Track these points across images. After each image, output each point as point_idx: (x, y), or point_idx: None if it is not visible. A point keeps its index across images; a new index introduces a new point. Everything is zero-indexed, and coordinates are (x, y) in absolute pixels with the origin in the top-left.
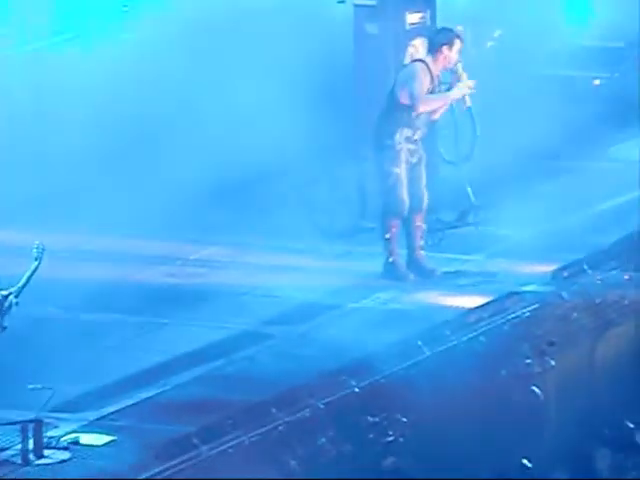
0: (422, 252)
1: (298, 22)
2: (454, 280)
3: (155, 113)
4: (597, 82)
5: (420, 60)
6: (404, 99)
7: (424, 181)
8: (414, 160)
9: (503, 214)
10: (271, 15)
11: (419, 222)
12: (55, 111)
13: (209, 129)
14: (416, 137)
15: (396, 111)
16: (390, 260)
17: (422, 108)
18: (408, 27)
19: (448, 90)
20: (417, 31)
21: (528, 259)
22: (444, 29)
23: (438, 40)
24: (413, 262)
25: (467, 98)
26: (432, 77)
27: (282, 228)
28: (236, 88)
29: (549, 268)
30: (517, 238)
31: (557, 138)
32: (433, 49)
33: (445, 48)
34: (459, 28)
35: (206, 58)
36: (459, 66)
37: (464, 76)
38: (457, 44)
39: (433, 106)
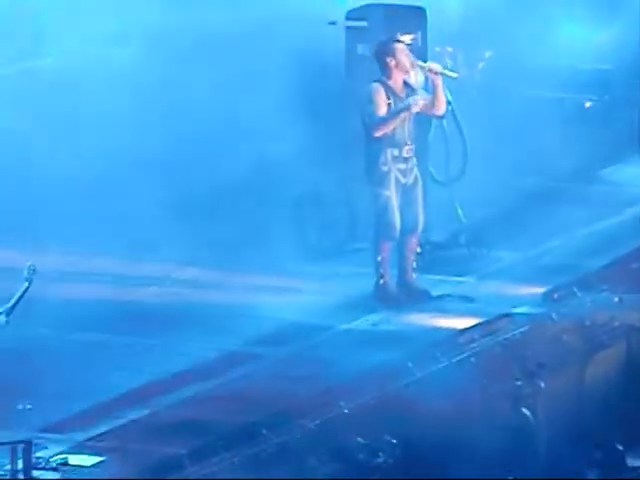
0: (414, 275)
1: (289, 43)
2: (445, 302)
3: (141, 134)
4: (588, 104)
5: (376, 80)
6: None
7: (420, 203)
8: (410, 181)
9: (494, 235)
10: (263, 36)
11: (413, 244)
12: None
13: (196, 148)
14: (405, 155)
15: (370, 139)
16: (381, 282)
17: (378, 132)
18: None
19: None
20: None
21: (519, 281)
22: (379, 43)
23: (378, 56)
24: (404, 284)
25: (450, 73)
26: (392, 92)
27: (271, 248)
28: (226, 108)
29: (540, 290)
30: (508, 260)
31: (548, 159)
32: (381, 66)
33: (389, 59)
34: (449, 49)
35: (199, 75)
36: (419, 62)
37: (430, 64)
38: (398, 47)
39: (390, 126)
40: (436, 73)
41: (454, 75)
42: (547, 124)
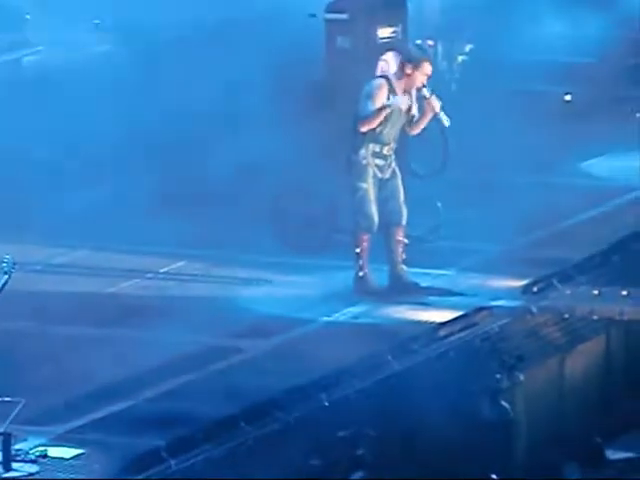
0: (403, 267)
1: (269, 35)
2: (424, 295)
3: (124, 125)
4: (568, 97)
5: (384, 76)
6: None
7: (402, 196)
8: (386, 176)
9: (474, 229)
10: (243, 28)
11: (399, 237)
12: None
13: (179, 141)
14: (385, 152)
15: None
16: (360, 275)
17: (362, 128)
18: (379, 41)
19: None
20: (388, 45)
21: (498, 274)
22: (416, 47)
23: (405, 57)
24: (394, 277)
25: (443, 117)
26: (393, 93)
27: (252, 242)
28: (205, 102)
29: (519, 283)
30: (487, 253)
31: (528, 152)
32: (399, 66)
33: (410, 67)
34: (430, 42)
35: (177, 70)
36: (425, 90)
37: (432, 99)
38: (424, 67)
39: (373, 123)
40: (432, 109)
41: (445, 122)
42: (527, 117)
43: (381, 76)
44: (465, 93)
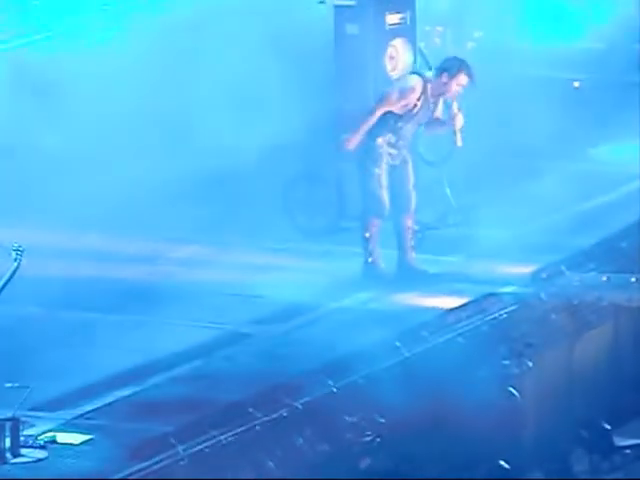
0: (413, 254)
1: (278, 21)
2: (433, 281)
3: (134, 111)
4: (577, 84)
5: (421, 75)
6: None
7: (411, 182)
8: (397, 162)
9: (483, 215)
10: (251, 14)
11: (409, 223)
12: (32, 108)
13: (188, 127)
14: (400, 144)
15: (383, 116)
16: (370, 260)
17: (370, 117)
18: (388, 27)
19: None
20: (397, 32)
21: (507, 260)
22: (455, 59)
23: (443, 65)
24: (404, 263)
25: (458, 137)
26: (425, 97)
27: (262, 227)
28: (213, 86)
29: (528, 269)
30: (496, 239)
31: (537, 139)
32: (437, 72)
33: (445, 75)
34: (438, 29)
35: (185, 56)
36: (455, 105)
37: (459, 117)
38: (461, 78)
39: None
40: (454, 125)
41: (459, 142)
42: (536, 103)
43: (419, 73)
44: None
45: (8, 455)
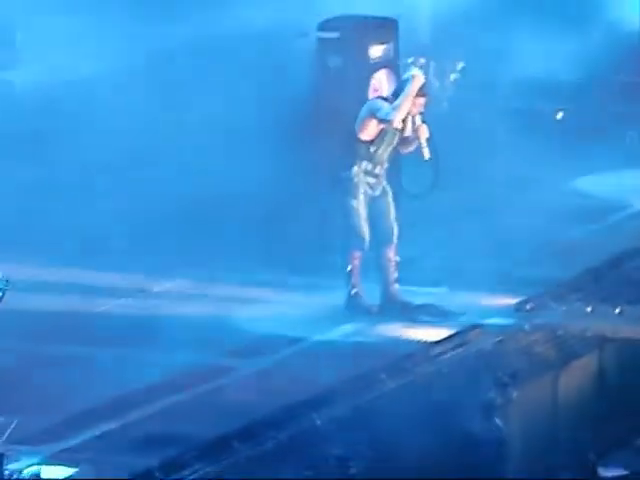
0: (396, 285)
1: (259, 55)
2: (417, 313)
3: (119, 148)
4: (560, 115)
5: (383, 98)
6: (363, 135)
7: (393, 214)
8: (377, 193)
9: (466, 246)
10: (234, 48)
11: (391, 255)
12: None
13: (174, 161)
14: (377, 171)
15: (355, 145)
16: (352, 293)
17: (395, 116)
18: (371, 60)
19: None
20: (380, 63)
21: (491, 292)
22: (408, 80)
23: (397, 89)
24: (388, 296)
25: (425, 151)
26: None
27: (246, 260)
28: (196, 122)
29: (512, 301)
30: (480, 271)
31: (520, 170)
32: (396, 94)
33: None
34: (421, 60)
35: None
36: (418, 118)
37: (422, 127)
38: (416, 99)
39: (402, 112)
40: (418, 136)
41: (426, 154)
42: (519, 135)
43: (380, 97)
44: (457, 111)
45: None
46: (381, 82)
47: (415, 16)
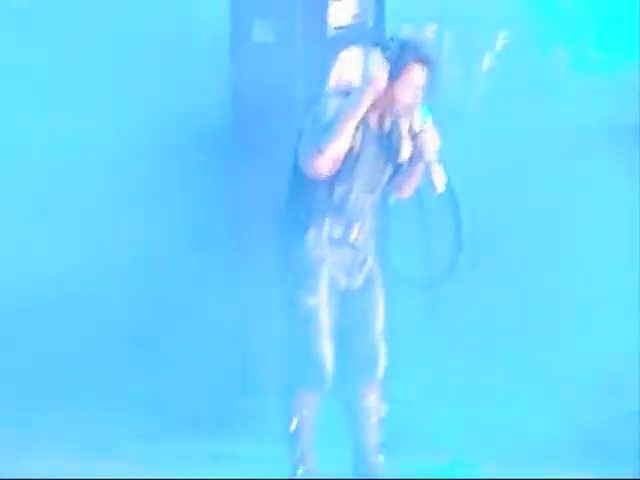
0: (378, 455)
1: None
2: None
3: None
4: None
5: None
6: (312, 166)
7: (379, 326)
8: (358, 284)
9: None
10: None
11: (372, 402)
12: None
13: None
14: (353, 236)
15: (306, 185)
16: (299, 472)
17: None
18: (333, 32)
19: None
20: (349, 37)
21: None
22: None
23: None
24: (363, 469)
25: (437, 181)
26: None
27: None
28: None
29: None
30: None
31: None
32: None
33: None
34: (430, 28)
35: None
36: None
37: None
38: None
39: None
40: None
41: (439, 186)
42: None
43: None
44: (497, 119)
45: None
46: (350, 66)
47: None
